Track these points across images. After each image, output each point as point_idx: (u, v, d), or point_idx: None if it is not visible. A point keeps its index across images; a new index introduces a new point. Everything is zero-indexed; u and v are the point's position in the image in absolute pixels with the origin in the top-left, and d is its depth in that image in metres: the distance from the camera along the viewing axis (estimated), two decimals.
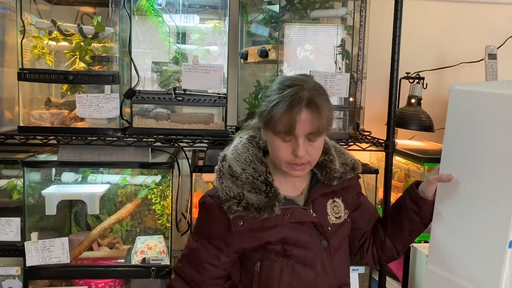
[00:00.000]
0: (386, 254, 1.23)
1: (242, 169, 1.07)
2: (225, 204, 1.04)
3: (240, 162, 1.08)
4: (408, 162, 1.88)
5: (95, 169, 1.76)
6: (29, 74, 1.60)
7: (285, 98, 0.99)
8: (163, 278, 1.66)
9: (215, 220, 1.08)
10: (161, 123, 1.67)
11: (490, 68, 1.94)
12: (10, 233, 1.63)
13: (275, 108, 0.99)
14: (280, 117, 0.99)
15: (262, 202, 1.04)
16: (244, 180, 1.06)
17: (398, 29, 1.64)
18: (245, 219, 1.05)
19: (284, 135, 1.00)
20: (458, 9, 2.25)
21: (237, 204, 1.03)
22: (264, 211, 1.03)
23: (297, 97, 0.99)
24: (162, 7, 1.68)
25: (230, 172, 1.07)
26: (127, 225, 1.92)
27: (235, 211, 1.03)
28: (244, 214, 1.04)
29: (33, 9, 1.67)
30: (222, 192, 1.06)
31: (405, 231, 1.19)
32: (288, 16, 1.76)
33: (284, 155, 1.03)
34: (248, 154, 1.10)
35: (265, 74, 1.87)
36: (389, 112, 1.70)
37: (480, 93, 1.07)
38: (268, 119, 1.01)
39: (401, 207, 1.20)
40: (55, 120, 1.66)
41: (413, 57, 2.12)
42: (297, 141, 1.00)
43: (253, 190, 1.05)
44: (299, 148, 1.00)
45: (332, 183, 1.14)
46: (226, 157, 1.11)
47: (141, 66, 1.69)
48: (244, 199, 1.04)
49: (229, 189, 1.05)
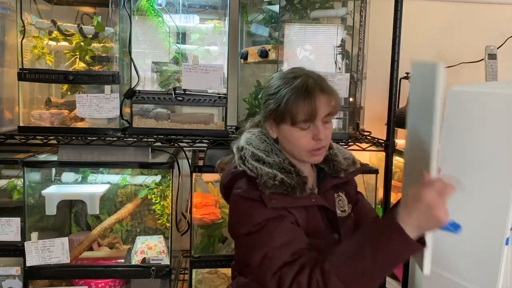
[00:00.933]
0: None
1: (266, 155, 1.09)
2: (260, 179, 1.03)
3: (261, 150, 1.10)
4: None
5: (95, 169, 1.76)
6: (29, 74, 1.60)
7: (297, 89, 1.03)
8: (163, 278, 1.65)
9: (257, 203, 1.03)
10: (161, 123, 1.67)
11: (490, 68, 1.94)
12: (10, 233, 1.63)
13: (291, 101, 1.02)
14: (299, 108, 1.02)
15: (294, 180, 1.05)
16: (271, 162, 1.07)
17: (398, 29, 1.64)
18: (277, 198, 1.03)
19: (304, 123, 1.03)
20: (458, 9, 2.25)
21: (273, 179, 1.03)
22: (297, 188, 1.04)
23: (310, 85, 1.03)
24: (162, 7, 1.68)
25: (255, 157, 1.08)
26: (127, 225, 1.92)
27: (272, 185, 1.02)
28: (279, 190, 1.03)
29: (33, 9, 1.67)
30: (254, 170, 1.05)
31: None
32: (288, 16, 1.76)
33: (305, 143, 1.05)
34: (266, 144, 1.12)
35: (265, 74, 1.87)
36: (389, 112, 1.70)
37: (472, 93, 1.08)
38: (284, 113, 1.03)
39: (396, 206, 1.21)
40: (55, 120, 1.66)
41: (413, 57, 2.11)
42: (316, 126, 1.04)
43: (283, 170, 1.06)
44: (320, 132, 1.04)
45: (340, 175, 1.17)
46: (243, 147, 1.11)
47: (141, 66, 1.69)
48: (277, 176, 1.04)
49: (260, 167, 1.05)
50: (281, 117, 1.05)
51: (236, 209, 1.09)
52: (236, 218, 1.09)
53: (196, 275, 1.75)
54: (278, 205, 1.03)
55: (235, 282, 1.20)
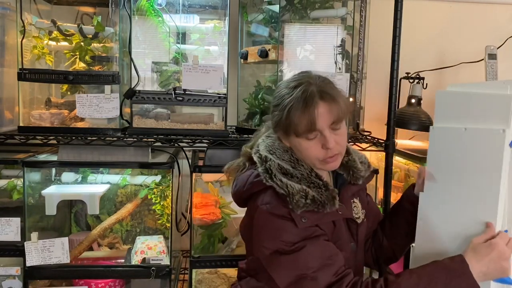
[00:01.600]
0: (384, 254, 1.24)
1: (293, 167, 1.04)
2: (292, 198, 0.99)
3: (286, 161, 1.05)
4: (408, 162, 1.88)
5: (95, 169, 1.76)
6: (29, 74, 1.60)
7: (297, 99, 0.99)
8: (163, 278, 1.65)
9: (287, 221, 1.00)
10: (161, 123, 1.67)
11: (490, 68, 1.94)
12: (10, 233, 1.63)
13: (291, 112, 0.99)
14: (298, 118, 0.98)
15: (323, 196, 1.01)
16: (299, 176, 1.03)
17: (398, 29, 1.64)
18: (307, 216, 1.00)
19: (307, 133, 1.00)
20: (458, 9, 2.25)
21: (305, 197, 0.99)
22: (327, 204, 1.01)
23: (308, 94, 0.99)
24: (162, 7, 1.68)
25: (282, 170, 1.03)
26: (127, 225, 1.92)
27: (304, 204, 0.99)
28: (311, 208, 0.99)
29: (33, 9, 1.67)
30: (284, 188, 1.00)
31: (402, 233, 1.20)
32: (288, 16, 1.76)
33: (315, 153, 1.02)
34: (290, 154, 1.07)
35: (265, 74, 1.87)
36: (389, 112, 1.70)
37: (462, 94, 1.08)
38: (287, 125, 1.00)
39: (399, 209, 1.22)
40: (55, 120, 1.66)
41: (413, 57, 2.12)
42: (323, 135, 1.00)
43: (312, 185, 1.02)
44: (328, 140, 1.00)
45: (358, 183, 1.14)
46: (268, 157, 1.06)
47: (141, 66, 1.69)
48: (309, 193, 1.00)
49: (291, 185, 1.00)
50: (286, 129, 1.02)
51: (263, 224, 1.04)
52: (264, 233, 1.04)
53: (196, 275, 1.74)
54: (308, 224, 1.00)
55: (245, 282, 1.18)
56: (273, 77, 1.76)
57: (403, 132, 2.05)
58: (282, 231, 1.00)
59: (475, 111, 1.05)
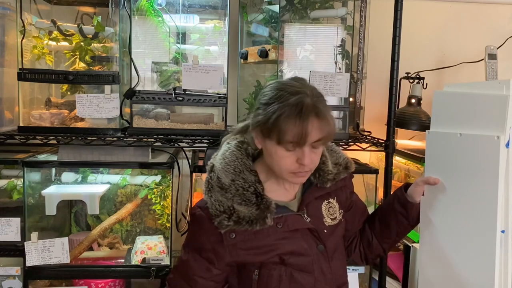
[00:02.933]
0: (372, 252, 1.25)
1: (232, 180, 1.04)
2: (215, 219, 1.02)
3: (229, 173, 1.05)
4: (408, 162, 1.88)
5: (95, 169, 1.76)
6: (29, 74, 1.60)
7: (291, 107, 0.95)
8: (163, 278, 1.65)
9: (206, 232, 1.05)
10: (161, 123, 1.67)
11: (490, 68, 1.94)
12: (10, 233, 1.63)
13: (281, 119, 0.95)
14: (288, 128, 0.94)
15: (253, 215, 1.01)
16: (233, 192, 1.03)
17: (398, 29, 1.64)
18: (237, 232, 1.03)
19: (291, 145, 0.97)
20: (458, 9, 2.25)
21: (227, 219, 1.01)
22: (256, 223, 1.01)
23: (305, 106, 0.95)
24: (162, 7, 1.68)
25: (219, 184, 1.04)
26: (127, 225, 1.92)
27: (226, 225, 1.01)
28: (236, 228, 1.02)
29: (33, 9, 1.67)
30: (212, 207, 1.03)
31: (392, 232, 1.20)
32: (288, 16, 1.76)
33: (288, 165, 1.00)
34: (237, 163, 1.06)
35: (265, 74, 1.87)
36: (389, 112, 1.70)
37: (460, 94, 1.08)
38: (271, 129, 0.96)
39: (389, 210, 1.21)
40: (55, 120, 1.66)
41: (413, 57, 2.12)
42: (302, 150, 0.97)
43: (244, 203, 1.02)
44: (305, 157, 0.97)
45: (326, 186, 1.12)
46: (214, 167, 1.08)
47: (141, 66, 1.69)
48: (234, 213, 1.01)
49: (218, 203, 1.02)
50: (268, 132, 0.98)
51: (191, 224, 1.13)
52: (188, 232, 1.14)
53: None
54: (236, 240, 1.03)
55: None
56: (273, 77, 1.76)
57: (403, 132, 2.05)
58: (197, 240, 1.08)
59: (471, 112, 1.05)
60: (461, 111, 1.07)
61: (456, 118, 1.08)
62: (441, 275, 1.13)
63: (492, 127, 0.99)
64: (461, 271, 1.07)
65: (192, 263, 1.08)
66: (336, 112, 1.73)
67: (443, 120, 1.12)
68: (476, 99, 1.04)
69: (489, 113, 1.00)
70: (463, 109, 1.07)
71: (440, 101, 1.13)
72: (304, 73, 1.69)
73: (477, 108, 1.03)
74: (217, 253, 1.05)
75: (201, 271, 1.07)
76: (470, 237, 1.04)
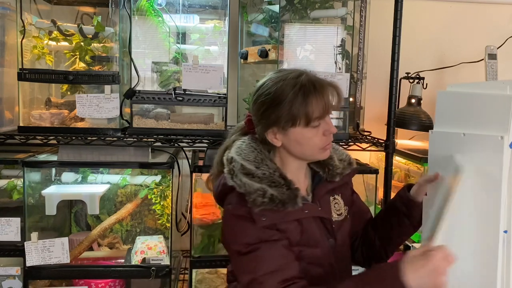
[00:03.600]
0: (375, 254, 1.24)
1: (256, 167, 1.05)
2: (249, 197, 1.00)
3: (251, 161, 1.06)
4: (408, 162, 1.88)
5: (95, 169, 1.76)
6: (29, 74, 1.60)
7: (305, 87, 1.00)
8: (163, 278, 1.66)
9: (247, 221, 1.02)
10: (161, 123, 1.67)
11: (490, 68, 1.94)
12: (10, 233, 1.63)
13: (302, 101, 1.00)
14: (313, 106, 1.00)
15: (284, 194, 1.02)
16: (261, 176, 1.03)
17: (398, 29, 1.64)
18: (267, 215, 1.01)
19: (317, 121, 1.02)
20: (458, 9, 2.25)
21: (262, 196, 1.00)
22: (288, 203, 1.02)
23: (313, 81, 1.01)
24: (162, 7, 1.68)
25: (244, 170, 1.04)
26: (127, 225, 1.92)
27: (261, 203, 1.00)
28: (269, 207, 1.00)
29: (33, 9, 1.67)
30: (243, 187, 1.02)
31: (394, 233, 1.20)
32: (288, 16, 1.76)
33: (318, 141, 1.05)
34: (256, 153, 1.08)
35: (265, 74, 1.86)
36: (389, 112, 1.70)
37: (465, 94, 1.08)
38: (296, 116, 1.01)
39: (392, 210, 1.21)
40: (55, 120, 1.66)
41: (413, 57, 2.12)
42: (325, 121, 1.04)
43: (273, 184, 1.03)
44: (330, 125, 1.04)
45: (335, 180, 1.15)
46: (233, 158, 1.07)
47: (141, 66, 1.69)
48: (267, 191, 1.01)
49: (249, 184, 1.02)
50: (293, 120, 1.01)
51: (226, 225, 1.07)
52: (227, 234, 1.07)
53: (196, 275, 1.75)
54: (268, 222, 1.01)
55: (233, 286, 1.20)
56: None
57: (403, 132, 2.05)
58: (241, 232, 1.02)
59: (475, 112, 1.05)
60: (464, 111, 1.07)
61: (460, 118, 1.08)
62: None
63: (495, 127, 0.99)
64: (462, 271, 1.07)
65: (268, 252, 0.99)
66: (336, 112, 1.73)
67: (446, 120, 1.12)
68: (479, 99, 1.04)
69: (492, 113, 1.00)
70: (466, 109, 1.07)
71: (444, 101, 1.13)
72: None
73: (480, 109, 1.03)
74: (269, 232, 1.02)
75: (281, 250, 1.00)
76: (472, 237, 1.04)
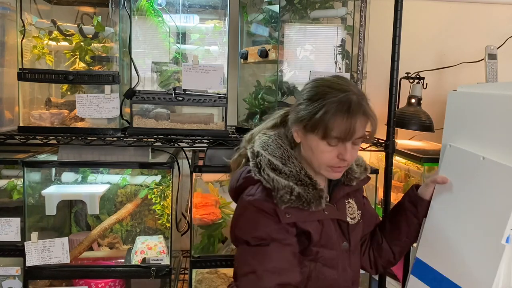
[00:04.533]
0: (382, 257, 1.23)
1: (283, 163, 1.05)
2: (277, 193, 1.00)
3: (278, 157, 1.06)
4: (408, 162, 1.88)
5: (95, 169, 1.76)
6: (29, 74, 1.60)
7: (339, 104, 0.98)
8: (163, 278, 1.65)
9: (268, 216, 1.02)
10: (161, 123, 1.67)
11: (490, 68, 1.94)
12: (10, 233, 1.63)
13: (329, 115, 0.97)
14: (336, 124, 0.98)
15: (310, 194, 1.02)
16: (287, 173, 1.03)
17: (398, 29, 1.64)
18: (292, 212, 1.01)
19: (335, 140, 0.99)
20: (458, 9, 2.25)
21: (289, 193, 1.00)
22: (313, 202, 1.02)
23: (353, 104, 0.98)
24: (162, 7, 1.68)
25: (271, 166, 1.04)
26: (127, 225, 1.92)
27: (288, 200, 1.00)
28: (295, 205, 1.00)
29: (33, 9, 1.67)
30: (270, 182, 1.02)
31: (402, 233, 1.20)
32: (288, 16, 1.76)
33: (329, 159, 1.02)
34: (283, 150, 1.07)
35: (265, 74, 1.87)
36: (389, 112, 1.70)
37: (479, 95, 1.08)
38: (317, 125, 0.99)
39: (399, 209, 1.21)
40: (55, 120, 1.66)
41: (413, 57, 2.12)
42: (345, 146, 1.00)
43: (299, 183, 1.03)
44: (348, 153, 1.01)
45: (352, 184, 1.15)
46: (260, 153, 1.07)
47: (141, 66, 1.69)
48: (295, 190, 1.01)
49: (277, 180, 1.01)
50: (313, 127, 1.00)
51: (242, 215, 1.06)
52: (240, 223, 1.06)
53: (196, 275, 1.75)
54: (293, 220, 1.01)
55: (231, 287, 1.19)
56: (273, 77, 1.76)
57: (403, 132, 2.05)
58: (257, 225, 1.01)
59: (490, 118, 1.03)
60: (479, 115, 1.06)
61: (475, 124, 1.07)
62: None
63: None
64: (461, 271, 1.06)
65: (276, 251, 1.00)
66: None
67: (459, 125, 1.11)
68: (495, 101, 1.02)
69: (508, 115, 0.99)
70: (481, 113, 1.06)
71: (455, 103, 1.13)
72: (304, 73, 1.69)
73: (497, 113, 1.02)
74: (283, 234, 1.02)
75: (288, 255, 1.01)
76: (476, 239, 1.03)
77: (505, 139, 1.00)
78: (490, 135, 1.04)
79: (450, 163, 1.14)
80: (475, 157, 1.05)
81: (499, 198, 0.98)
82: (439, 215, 1.14)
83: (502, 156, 1.00)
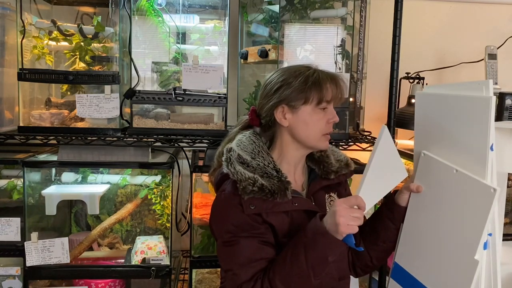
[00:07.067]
0: (360, 260, 1.24)
1: (252, 157, 1.10)
2: (240, 184, 1.05)
3: (248, 152, 1.10)
4: (408, 162, 1.88)
5: (95, 169, 1.76)
6: (29, 74, 1.60)
7: (323, 72, 1.10)
8: (163, 278, 1.66)
9: (234, 206, 1.06)
10: (161, 123, 1.67)
11: (490, 68, 1.94)
12: (10, 233, 1.63)
13: (319, 79, 1.07)
14: (327, 87, 1.08)
15: (275, 185, 1.06)
16: (255, 166, 1.08)
17: (398, 29, 1.64)
18: (256, 203, 1.05)
19: (326, 104, 1.09)
20: (458, 9, 2.25)
21: (252, 185, 1.04)
22: (277, 194, 1.05)
23: (326, 71, 1.11)
24: (162, 7, 1.68)
25: (240, 159, 1.09)
26: (127, 225, 1.92)
27: (251, 191, 1.04)
28: (258, 196, 1.04)
29: (33, 9, 1.67)
30: (235, 175, 1.06)
31: (379, 238, 1.20)
32: (288, 16, 1.76)
33: (322, 126, 1.10)
34: (254, 146, 1.12)
35: (265, 74, 1.87)
36: (389, 112, 1.70)
37: (443, 96, 1.07)
38: (310, 92, 1.07)
39: (378, 214, 1.23)
40: (55, 120, 1.66)
41: (413, 57, 2.12)
42: (330, 110, 1.11)
43: (265, 175, 1.07)
44: (335, 115, 1.12)
45: (330, 177, 1.18)
46: (232, 148, 1.12)
47: (141, 66, 1.69)
48: (257, 181, 1.05)
49: (242, 172, 1.06)
50: (305, 98, 1.07)
51: (215, 209, 1.12)
52: (214, 217, 1.12)
53: (196, 275, 1.75)
54: (256, 211, 1.04)
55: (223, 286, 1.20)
56: None
57: (403, 132, 2.05)
58: (227, 217, 1.07)
59: (455, 116, 1.03)
60: (445, 115, 1.06)
61: (441, 123, 1.07)
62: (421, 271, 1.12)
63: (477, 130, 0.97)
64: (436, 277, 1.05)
65: (245, 245, 1.04)
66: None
67: (428, 129, 1.12)
68: (458, 101, 1.02)
69: (473, 117, 0.99)
70: (447, 112, 1.06)
71: (422, 105, 1.14)
72: None
73: (461, 111, 1.02)
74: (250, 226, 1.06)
75: (257, 245, 1.05)
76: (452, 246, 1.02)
77: (470, 145, 0.99)
78: (456, 140, 1.04)
79: (424, 172, 1.13)
80: (449, 169, 1.04)
81: (471, 212, 0.98)
82: (415, 222, 1.13)
83: (468, 163, 1.00)
